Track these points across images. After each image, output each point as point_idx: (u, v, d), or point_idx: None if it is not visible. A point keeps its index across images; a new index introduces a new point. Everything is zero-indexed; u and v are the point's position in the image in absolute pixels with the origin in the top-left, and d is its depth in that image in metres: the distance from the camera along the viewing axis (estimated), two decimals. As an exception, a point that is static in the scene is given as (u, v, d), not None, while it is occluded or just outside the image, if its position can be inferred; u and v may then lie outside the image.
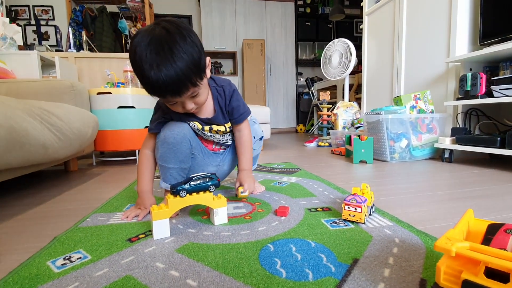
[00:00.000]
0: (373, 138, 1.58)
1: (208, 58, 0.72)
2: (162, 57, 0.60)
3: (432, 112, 1.67)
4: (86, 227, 0.72)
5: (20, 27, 2.23)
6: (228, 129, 0.89)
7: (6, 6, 3.57)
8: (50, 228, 0.74)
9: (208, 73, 0.74)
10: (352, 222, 0.69)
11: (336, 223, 0.69)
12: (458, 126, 1.61)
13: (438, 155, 1.67)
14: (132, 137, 1.78)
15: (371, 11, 2.36)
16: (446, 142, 1.51)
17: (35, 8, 3.75)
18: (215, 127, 0.87)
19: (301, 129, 4.83)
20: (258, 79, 4.51)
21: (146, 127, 1.84)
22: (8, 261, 0.56)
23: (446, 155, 1.55)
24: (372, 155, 1.54)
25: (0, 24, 2.03)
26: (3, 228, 0.75)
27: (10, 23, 2.11)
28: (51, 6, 3.79)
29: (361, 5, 2.50)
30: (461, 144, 1.45)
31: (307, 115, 4.82)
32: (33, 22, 3.71)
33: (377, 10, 2.28)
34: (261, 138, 1.02)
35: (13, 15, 3.70)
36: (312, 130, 4.24)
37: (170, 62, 0.60)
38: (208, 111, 0.85)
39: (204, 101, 0.75)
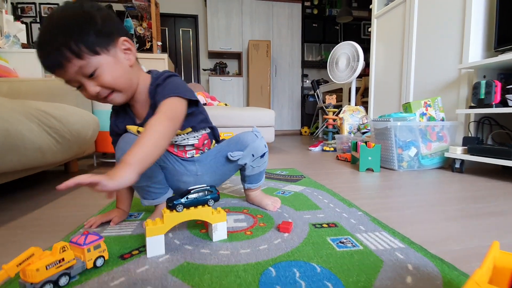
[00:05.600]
0: (381, 145, 1.53)
1: (123, 39, 0.64)
2: (47, 27, 0.57)
3: (442, 120, 1.61)
4: (79, 239, 0.68)
5: (25, 25, 2.21)
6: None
7: (12, 3, 3.57)
8: (41, 239, 0.70)
9: (128, 56, 0.65)
10: (360, 243, 0.64)
11: (343, 242, 0.64)
12: (470, 135, 1.55)
13: (448, 164, 1.61)
14: (134, 138, 1.75)
15: (381, 14, 2.30)
16: (458, 152, 1.45)
17: (42, 5, 3.75)
18: None
19: (305, 132, 4.78)
20: (263, 80, 4.47)
21: (148, 128, 1.80)
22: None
23: (457, 165, 1.49)
24: (379, 163, 1.49)
25: (4, 22, 2.02)
26: (-7, 237, 0.72)
27: (15, 20, 2.11)
28: (57, 4, 3.79)
29: (370, 7, 2.45)
30: (473, 155, 1.39)
31: (312, 118, 4.77)
32: (39, 19, 3.70)
33: (387, 13, 2.23)
34: (262, 155, 0.83)
35: (19, 12, 3.70)
36: (316, 133, 4.19)
37: (50, 30, 0.57)
38: (146, 109, 0.72)
39: (119, 84, 0.63)
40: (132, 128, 0.73)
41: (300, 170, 1.57)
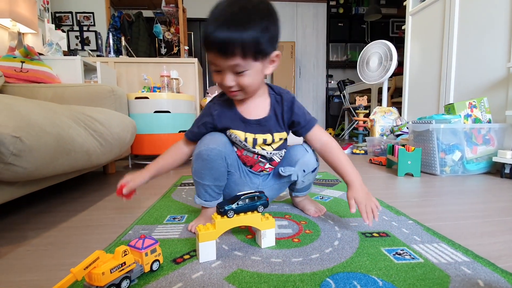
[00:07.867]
0: (421, 149, 1.45)
1: (276, 53, 0.67)
2: (233, 15, 0.58)
3: (489, 121, 1.50)
4: (129, 240, 0.69)
5: (65, 33, 2.34)
6: (278, 140, 0.78)
7: (51, 13, 3.80)
8: (93, 240, 0.73)
9: (270, 68, 0.69)
10: (419, 255, 0.60)
11: (400, 254, 0.60)
12: (520, 138, 1.44)
13: (496, 169, 1.50)
14: (167, 141, 1.79)
15: (416, 11, 2.20)
16: (508, 156, 1.35)
17: (78, 14, 3.96)
18: (260, 138, 0.76)
19: (330, 133, 4.68)
20: (287, 81, 4.44)
21: (180, 131, 1.84)
22: (53, 279, 0.54)
23: (507, 170, 1.38)
24: (419, 167, 1.41)
25: (47, 30, 2.14)
26: (49, 237, 0.75)
27: (56, 29, 2.23)
28: (92, 13, 3.98)
29: (404, 4, 2.35)
30: (526, 159, 1.29)
31: (337, 119, 4.67)
32: (76, 28, 3.91)
33: (424, 10, 2.12)
34: (313, 170, 0.82)
35: (57, 21, 3.93)
36: (343, 135, 4.09)
37: (239, 23, 0.58)
38: (259, 111, 0.76)
39: (250, 88, 0.67)
40: (239, 134, 0.76)
41: (333, 174, 1.53)
